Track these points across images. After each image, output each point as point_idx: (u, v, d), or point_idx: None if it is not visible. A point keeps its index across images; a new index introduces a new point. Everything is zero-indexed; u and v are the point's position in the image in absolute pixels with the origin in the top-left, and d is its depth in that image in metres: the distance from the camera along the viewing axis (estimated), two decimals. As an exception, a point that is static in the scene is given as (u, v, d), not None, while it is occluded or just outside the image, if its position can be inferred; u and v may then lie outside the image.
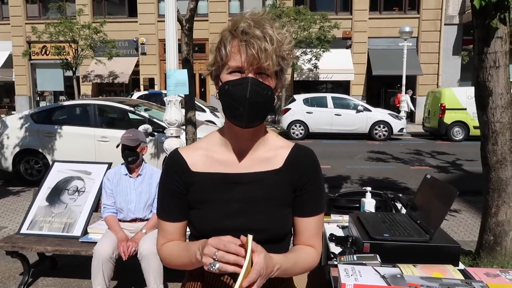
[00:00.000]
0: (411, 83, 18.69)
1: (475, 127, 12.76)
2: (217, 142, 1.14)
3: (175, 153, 1.15)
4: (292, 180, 1.11)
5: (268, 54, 0.98)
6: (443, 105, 13.33)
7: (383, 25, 18.93)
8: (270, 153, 1.13)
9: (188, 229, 1.19)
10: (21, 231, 3.49)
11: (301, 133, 14.02)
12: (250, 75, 1.00)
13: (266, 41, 0.98)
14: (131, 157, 3.21)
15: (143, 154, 3.30)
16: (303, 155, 1.14)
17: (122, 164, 3.30)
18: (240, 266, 0.87)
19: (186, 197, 1.12)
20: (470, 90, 12.59)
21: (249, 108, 1.00)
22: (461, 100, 13.19)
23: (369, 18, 19.06)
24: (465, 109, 13.14)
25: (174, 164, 1.13)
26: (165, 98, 4.08)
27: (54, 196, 3.69)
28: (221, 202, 1.08)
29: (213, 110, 13.86)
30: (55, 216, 3.55)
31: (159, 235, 1.17)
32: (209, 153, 1.13)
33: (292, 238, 1.19)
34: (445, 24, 18.81)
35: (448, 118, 13.28)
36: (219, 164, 1.12)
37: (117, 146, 3.34)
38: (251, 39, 0.98)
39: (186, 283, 1.19)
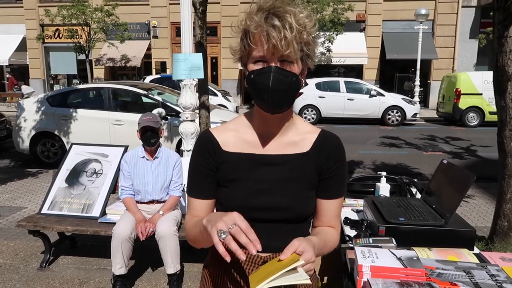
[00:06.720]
0: (426, 67, 18.36)
1: (490, 113, 12.53)
2: (246, 125, 1.19)
3: (207, 133, 1.20)
4: (318, 164, 1.16)
5: (289, 42, 1.00)
6: (458, 90, 13.10)
7: (398, 8, 18.50)
8: (298, 137, 1.18)
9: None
10: (42, 211, 3.61)
11: (313, 118, 13.95)
12: (273, 64, 1.03)
13: (285, 29, 0.99)
14: (153, 138, 3.26)
15: (161, 137, 3.36)
16: (329, 141, 1.19)
17: (140, 146, 3.36)
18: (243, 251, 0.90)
19: (216, 175, 1.16)
20: (487, 75, 12.35)
21: (273, 95, 1.04)
22: (477, 85, 12.94)
23: (384, 0, 18.63)
24: (481, 94, 12.90)
25: (206, 143, 1.18)
26: (181, 82, 4.10)
27: (73, 178, 3.78)
28: (250, 181, 1.13)
29: (225, 94, 13.85)
30: (74, 197, 3.65)
31: (188, 212, 1.22)
32: (239, 134, 1.18)
33: (312, 219, 1.23)
34: (462, 6, 18.31)
35: (463, 103, 13.06)
36: (249, 145, 1.16)
37: (140, 130, 3.26)
38: (270, 29, 1.00)
39: (209, 264, 1.25)
